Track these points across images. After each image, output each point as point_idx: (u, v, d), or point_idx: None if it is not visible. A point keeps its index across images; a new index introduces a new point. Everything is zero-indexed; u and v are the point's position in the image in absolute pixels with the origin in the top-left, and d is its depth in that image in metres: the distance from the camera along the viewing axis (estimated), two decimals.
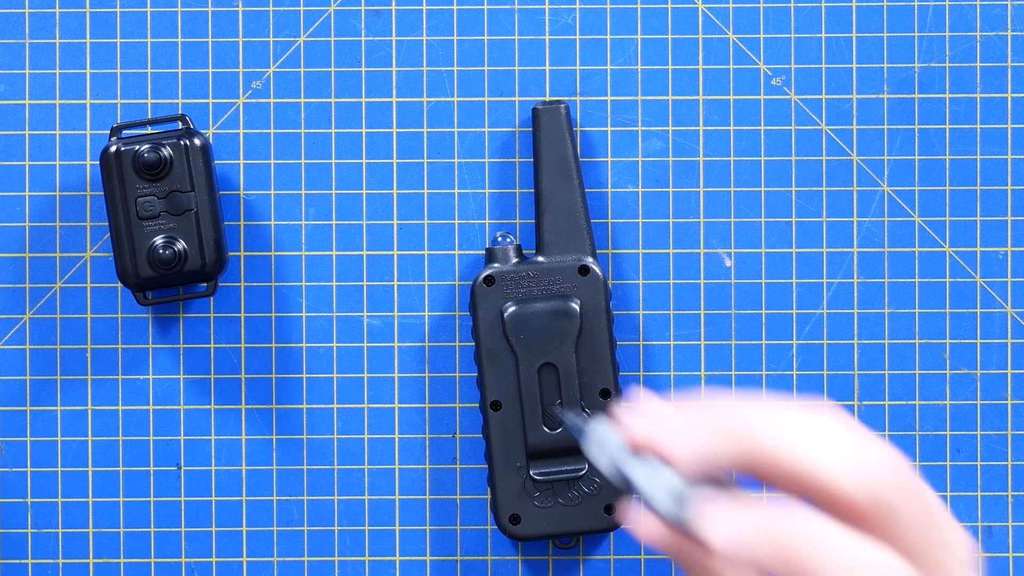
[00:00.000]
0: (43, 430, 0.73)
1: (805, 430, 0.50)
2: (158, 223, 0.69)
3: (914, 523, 0.50)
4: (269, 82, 0.73)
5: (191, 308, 0.73)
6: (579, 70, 0.73)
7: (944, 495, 0.73)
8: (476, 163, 0.73)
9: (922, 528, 0.50)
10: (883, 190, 0.73)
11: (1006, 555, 0.73)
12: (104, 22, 0.73)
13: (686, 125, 0.73)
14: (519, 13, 0.73)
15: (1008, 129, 0.73)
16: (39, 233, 0.73)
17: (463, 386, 0.73)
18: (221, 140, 0.73)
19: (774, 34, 0.73)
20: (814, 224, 0.73)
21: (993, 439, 0.73)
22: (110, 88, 0.73)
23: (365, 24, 0.73)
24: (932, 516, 0.51)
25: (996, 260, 0.73)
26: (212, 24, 0.73)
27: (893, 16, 0.73)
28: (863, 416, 0.73)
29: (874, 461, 0.50)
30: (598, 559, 0.73)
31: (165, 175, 0.69)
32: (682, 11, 0.73)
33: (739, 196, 0.73)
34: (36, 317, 0.73)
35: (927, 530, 0.51)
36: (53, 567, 0.73)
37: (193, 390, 0.73)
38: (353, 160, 0.73)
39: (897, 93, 0.73)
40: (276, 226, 0.73)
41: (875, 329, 0.73)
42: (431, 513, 0.73)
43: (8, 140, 0.73)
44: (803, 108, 0.73)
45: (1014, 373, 0.73)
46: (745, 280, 0.73)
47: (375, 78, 0.73)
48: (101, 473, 0.73)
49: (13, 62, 0.73)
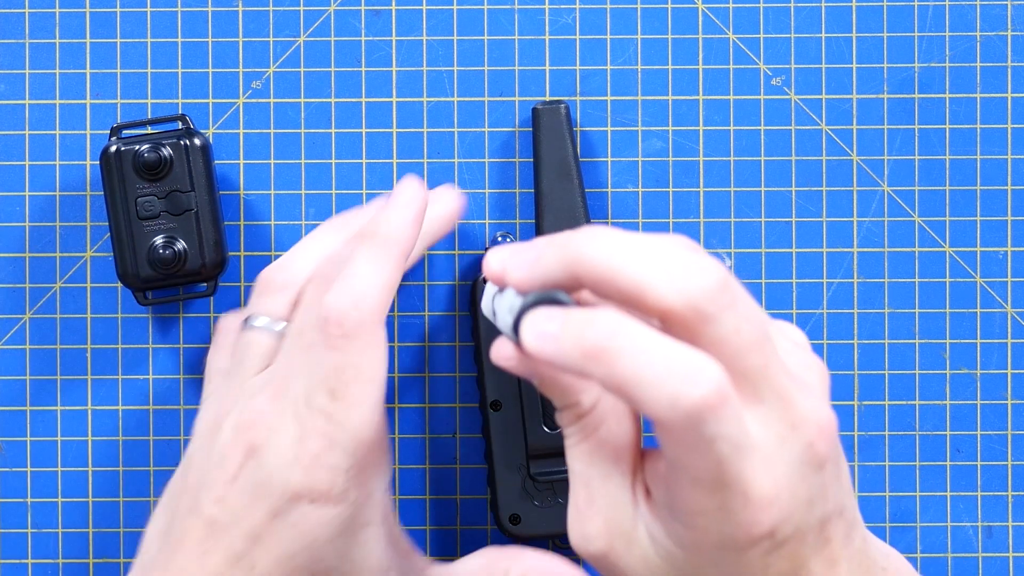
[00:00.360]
0: (43, 430, 0.73)
1: (631, 247, 0.53)
2: (158, 223, 0.69)
3: (733, 330, 0.52)
4: (269, 82, 0.73)
5: (191, 308, 0.73)
6: (579, 70, 0.73)
7: (944, 495, 0.73)
8: (476, 163, 0.73)
9: (744, 336, 0.52)
10: (883, 190, 0.73)
11: (1006, 555, 0.73)
12: (104, 22, 0.73)
13: (686, 125, 0.73)
14: (519, 13, 0.73)
15: (1008, 129, 0.73)
16: (39, 233, 0.73)
17: (463, 386, 0.73)
18: (221, 140, 0.73)
19: (774, 34, 0.73)
20: (814, 224, 0.73)
21: (993, 439, 0.73)
22: (110, 88, 0.73)
23: (365, 24, 0.73)
24: (754, 325, 0.52)
25: (996, 260, 0.73)
26: (212, 24, 0.73)
27: (893, 16, 0.73)
28: (863, 416, 0.73)
29: (694, 272, 0.52)
30: None
31: (165, 175, 0.69)
32: (682, 11, 0.73)
33: (739, 196, 0.73)
34: (36, 317, 0.73)
35: (749, 338, 0.52)
36: (53, 567, 0.73)
37: (193, 390, 0.73)
38: (353, 160, 0.73)
39: (897, 93, 0.73)
40: (276, 226, 0.73)
41: (875, 329, 0.73)
42: (431, 513, 0.73)
43: (8, 140, 0.73)
44: (803, 108, 0.73)
45: (1014, 373, 0.73)
46: (745, 280, 0.73)
47: (375, 78, 0.73)
48: (101, 473, 0.73)
49: (13, 62, 0.73)
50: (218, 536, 0.61)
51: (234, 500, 0.61)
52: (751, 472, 0.52)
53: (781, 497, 0.52)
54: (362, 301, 0.60)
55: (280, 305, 0.65)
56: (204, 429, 0.64)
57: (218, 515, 0.61)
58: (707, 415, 0.50)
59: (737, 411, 0.51)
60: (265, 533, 0.60)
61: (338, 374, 0.60)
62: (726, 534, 0.53)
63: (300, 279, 0.65)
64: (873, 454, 0.73)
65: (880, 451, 0.73)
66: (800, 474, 0.53)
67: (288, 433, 0.60)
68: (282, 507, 0.60)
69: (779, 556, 0.53)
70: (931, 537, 0.72)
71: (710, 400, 0.50)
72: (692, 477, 0.52)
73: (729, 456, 0.51)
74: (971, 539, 0.73)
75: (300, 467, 0.60)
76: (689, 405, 0.50)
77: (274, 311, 0.65)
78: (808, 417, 0.53)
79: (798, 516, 0.53)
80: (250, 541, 0.60)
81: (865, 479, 0.72)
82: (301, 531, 0.60)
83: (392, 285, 0.62)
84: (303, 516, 0.60)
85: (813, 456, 0.53)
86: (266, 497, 0.60)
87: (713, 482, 0.52)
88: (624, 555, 0.55)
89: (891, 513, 0.72)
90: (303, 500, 0.60)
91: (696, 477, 0.52)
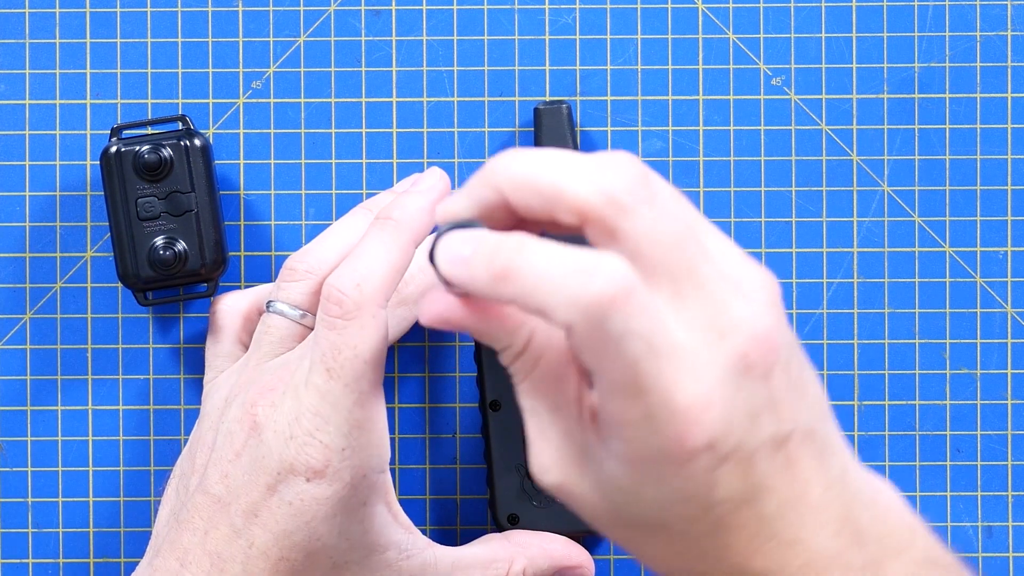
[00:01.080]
0: (43, 430, 0.73)
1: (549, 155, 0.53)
2: (158, 224, 0.69)
3: (652, 225, 0.51)
4: (269, 82, 0.73)
5: (191, 308, 0.73)
6: (579, 70, 0.73)
7: (944, 495, 0.73)
8: (476, 163, 0.73)
9: (663, 230, 0.51)
10: (883, 190, 0.73)
11: (1006, 555, 0.73)
12: (104, 22, 0.73)
13: (686, 125, 0.73)
14: (519, 13, 0.73)
15: (1008, 129, 0.72)
16: (39, 233, 0.73)
17: (463, 386, 0.73)
18: (221, 140, 0.73)
19: (774, 34, 0.73)
20: (814, 224, 0.73)
21: (993, 439, 0.73)
22: (110, 88, 0.73)
23: (365, 24, 0.73)
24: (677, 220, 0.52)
25: (996, 260, 0.73)
26: (212, 24, 0.73)
27: (893, 16, 0.73)
28: (863, 416, 0.73)
29: (610, 168, 0.52)
30: (598, 559, 0.73)
31: (165, 176, 0.69)
32: (682, 11, 0.73)
33: (739, 196, 0.73)
34: (36, 317, 0.73)
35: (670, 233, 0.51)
36: (53, 567, 0.73)
37: (193, 390, 0.73)
38: (353, 160, 0.73)
39: (897, 93, 0.73)
40: (276, 226, 0.73)
41: (875, 329, 0.73)
42: (431, 513, 0.73)
43: (8, 140, 0.73)
44: (803, 108, 0.73)
45: (1014, 373, 0.73)
46: None
47: (375, 78, 0.73)
48: (101, 473, 0.73)
49: (13, 62, 0.73)
50: (221, 513, 0.62)
51: (236, 476, 0.62)
52: (672, 376, 0.50)
53: (712, 406, 0.50)
54: (365, 282, 0.61)
55: (299, 292, 0.66)
56: (213, 410, 0.65)
57: (222, 492, 0.62)
58: (609, 311, 0.49)
59: (648, 307, 0.50)
60: (263, 508, 0.61)
61: (335, 353, 0.61)
62: (658, 447, 0.51)
63: (323, 267, 0.66)
64: (873, 454, 0.73)
65: (880, 451, 0.73)
66: (735, 384, 0.51)
67: (287, 410, 0.62)
68: (278, 483, 0.61)
69: (727, 473, 0.51)
70: None
71: (609, 293, 0.49)
72: (610, 383, 0.51)
73: (643, 356, 0.50)
74: (971, 539, 0.73)
75: (295, 444, 0.61)
76: (588, 300, 0.49)
77: (293, 297, 0.66)
78: (740, 325, 0.51)
79: (740, 430, 0.51)
80: (249, 516, 0.61)
81: None
82: (298, 508, 0.61)
83: (399, 269, 0.62)
84: (298, 493, 0.61)
85: (747, 365, 0.51)
86: (264, 472, 0.61)
87: (631, 386, 0.50)
88: (579, 483, 0.54)
89: None
90: (298, 476, 0.61)
91: (613, 381, 0.50)
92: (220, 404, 0.65)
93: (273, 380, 0.63)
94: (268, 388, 0.63)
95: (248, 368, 0.65)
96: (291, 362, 0.64)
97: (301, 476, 0.61)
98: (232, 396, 0.65)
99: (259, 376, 0.64)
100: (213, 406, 0.66)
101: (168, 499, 0.66)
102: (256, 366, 0.65)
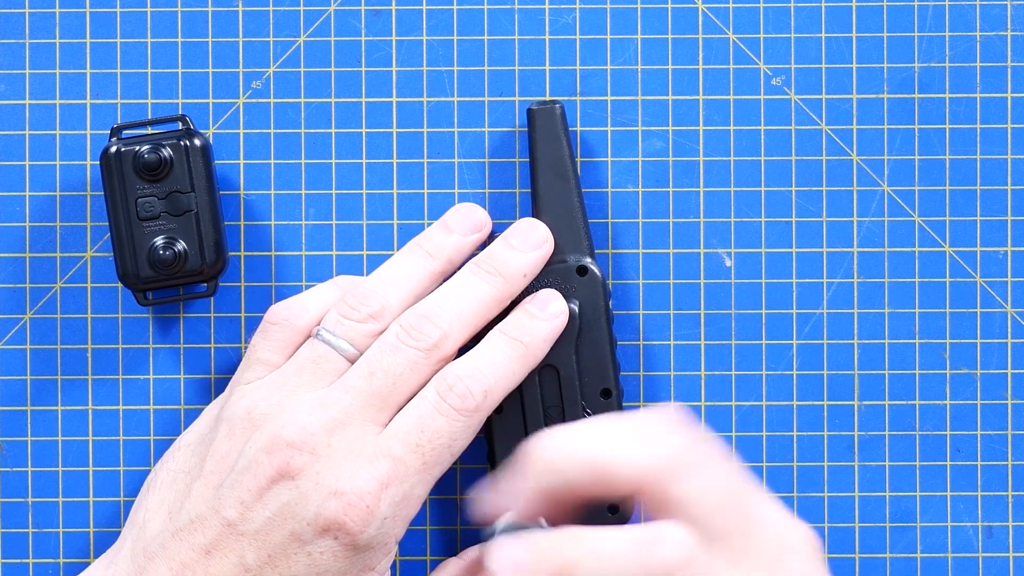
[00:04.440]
0: (43, 430, 0.73)
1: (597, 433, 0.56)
2: (158, 224, 0.69)
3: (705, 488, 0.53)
4: (269, 82, 0.73)
5: (191, 308, 0.73)
6: (579, 70, 0.73)
7: (944, 495, 0.73)
8: (476, 163, 0.73)
9: (716, 493, 0.53)
10: (883, 190, 0.73)
11: (1006, 555, 0.73)
12: (104, 22, 0.73)
13: (686, 125, 0.73)
14: (519, 13, 0.73)
15: (1008, 129, 0.72)
16: (39, 233, 0.73)
17: None
18: (221, 140, 0.73)
19: (774, 34, 0.73)
20: (814, 224, 0.73)
21: (993, 439, 0.73)
22: (110, 88, 0.73)
23: (365, 24, 0.73)
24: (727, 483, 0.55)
25: (996, 260, 0.73)
26: (212, 24, 0.73)
27: (893, 16, 0.73)
28: (863, 416, 0.73)
29: (661, 435, 0.55)
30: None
31: (165, 176, 0.69)
32: (682, 11, 0.73)
33: (739, 196, 0.73)
34: (36, 317, 0.73)
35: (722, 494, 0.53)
36: (54, 567, 0.73)
37: (193, 390, 0.73)
38: (353, 160, 0.73)
39: (897, 93, 0.73)
40: (276, 226, 0.73)
41: (875, 329, 0.73)
42: (431, 513, 0.73)
43: (8, 140, 0.73)
44: (803, 108, 0.73)
45: (1014, 373, 0.73)
46: (745, 280, 0.73)
47: (375, 78, 0.73)
48: (101, 473, 0.73)
49: (13, 62, 0.73)
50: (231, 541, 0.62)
51: (258, 513, 0.62)
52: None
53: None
54: (492, 392, 0.64)
55: (362, 335, 0.66)
56: (235, 418, 0.65)
57: (237, 521, 0.62)
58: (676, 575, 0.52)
59: (711, 570, 0.53)
60: (280, 555, 0.61)
61: (435, 436, 0.63)
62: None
63: (387, 314, 0.66)
64: (873, 454, 0.73)
65: (880, 451, 0.73)
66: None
67: (335, 465, 0.62)
68: (307, 535, 0.61)
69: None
70: (931, 537, 0.72)
71: (674, 562, 0.52)
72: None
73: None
74: (971, 539, 0.73)
75: (340, 502, 0.61)
76: (655, 571, 0.52)
77: (355, 339, 0.66)
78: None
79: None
80: (263, 558, 0.61)
81: (865, 479, 0.72)
82: (316, 560, 0.62)
83: (514, 387, 0.66)
84: (323, 549, 0.62)
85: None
86: (293, 520, 0.62)
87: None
88: None
89: (891, 513, 0.72)
90: (329, 534, 0.61)
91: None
92: (242, 415, 0.65)
93: (314, 424, 0.63)
94: (308, 432, 0.62)
95: (282, 389, 0.65)
96: (337, 410, 0.63)
97: (332, 534, 0.62)
98: (259, 416, 0.64)
99: (294, 407, 0.64)
100: (233, 412, 0.65)
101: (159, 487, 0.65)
102: (291, 393, 0.65)
